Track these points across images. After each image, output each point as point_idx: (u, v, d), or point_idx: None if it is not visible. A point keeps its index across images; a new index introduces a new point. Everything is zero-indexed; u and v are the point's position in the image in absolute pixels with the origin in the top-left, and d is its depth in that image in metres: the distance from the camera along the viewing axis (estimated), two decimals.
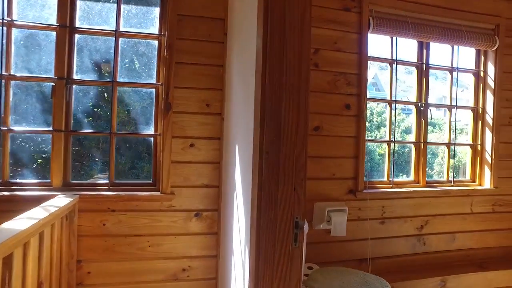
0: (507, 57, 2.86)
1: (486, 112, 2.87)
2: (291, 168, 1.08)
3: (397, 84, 2.61)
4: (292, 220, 1.08)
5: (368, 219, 2.38)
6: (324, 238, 2.28)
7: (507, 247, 2.89)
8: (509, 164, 2.89)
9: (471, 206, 2.76)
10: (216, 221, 2.13)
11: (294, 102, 1.12)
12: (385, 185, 2.54)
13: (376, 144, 3.69)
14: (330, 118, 2.31)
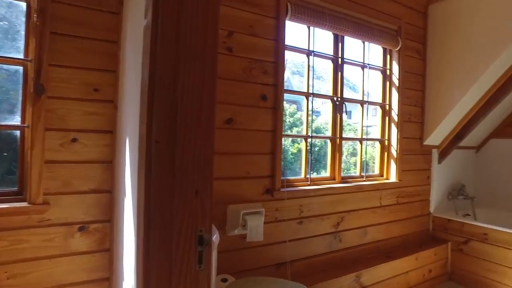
0: (408, 58, 3.02)
1: (392, 109, 2.99)
2: (192, 165, 0.79)
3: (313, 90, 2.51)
4: (195, 234, 0.79)
5: (286, 220, 2.22)
6: (239, 244, 2.04)
7: (406, 234, 3.06)
8: (409, 158, 3.06)
9: (380, 200, 2.83)
10: (108, 235, 1.72)
11: (196, 86, 0.83)
12: (303, 183, 2.42)
13: (289, 142, 3.62)
14: (244, 110, 2.08)
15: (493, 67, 2.71)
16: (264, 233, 2.08)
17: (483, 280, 2.90)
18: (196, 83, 0.84)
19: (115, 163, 1.72)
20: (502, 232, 2.81)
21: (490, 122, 3.50)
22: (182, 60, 0.82)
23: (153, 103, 0.80)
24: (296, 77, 4.98)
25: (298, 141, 3.54)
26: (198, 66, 0.85)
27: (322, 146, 2.85)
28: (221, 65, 1.98)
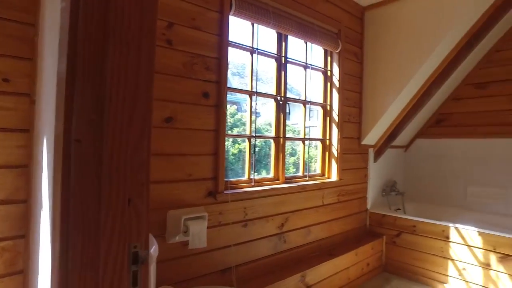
0: (347, 60, 3.12)
1: (333, 109, 3.06)
2: (124, 169, 0.66)
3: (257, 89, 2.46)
4: (128, 252, 0.65)
5: (230, 223, 2.13)
6: (181, 252, 1.90)
7: (346, 231, 3.16)
8: (348, 157, 3.16)
9: (323, 199, 2.88)
10: (22, 253, 1.46)
11: (129, 78, 0.70)
12: (246, 184, 2.35)
13: (230, 143, 3.55)
14: (185, 107, 1.94)
15: (419, 72, 2.91)
16: (208, 238, 1.96)
17: (413, 269, 3.11)
18: (130, 74, 0.70)
19: (32, 168, 1.46)
20: (428, 224, 3.03)
21: (416, 123, 3.78)
22: (111, 47, 0.69)
23: (73, 96, 0.65)
24: (236, 78, 4.93)
25: (238, 142, 3.48)
26: (133, 55, 0.72)
27: (263, 146, 2.81)
28: (159, 58, 1.83)
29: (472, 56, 3.32)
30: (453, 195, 3.72)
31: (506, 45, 3.42)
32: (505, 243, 2.62)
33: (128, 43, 0.71)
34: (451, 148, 3.76)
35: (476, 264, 2.75)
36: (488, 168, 3.49)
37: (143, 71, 0.71)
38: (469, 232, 2.80)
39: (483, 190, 3.51)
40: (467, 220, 3.35)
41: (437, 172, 3.85)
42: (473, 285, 2.77)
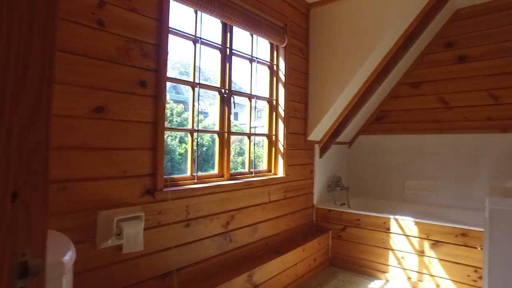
0: (293, 55, 3.10)
1: (279, 104, 3.02)
2: (7, 155, 0.50)
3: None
4: (11, 262, 0.50)
5: (170, 223, 1.97)
6: (114, 257, 1.70)
7: (293, 228, 3.15)
8: (295, 153, 3.15)
9: (269, 195, 2.82)
10: None
11: (16, 41, 0.55)
12: (189, 181, 2.20)
13: (177, 143, 3.37)
14: (119, 97, 1.75)
15: (362, 70, 2.99)
16: (145, 240, 1.79)
17: (358, 261, 3.19)
18: (17, 26, 0.54)
19: None
20: (371, 217, 3.13)
21: (359, 120, 3.91)
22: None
23: None
24: (184, 77, 4.72)
25: (186, 141, 3.29)
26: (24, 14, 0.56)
27: (210, 146, 2.68)
28: (88, 41, 1.62)
29: (407, 57, 3.50)
30: (393, 188, 3.90)
31: (434, 49, 3.66)
32: (436, 230, 2.78)
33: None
34: (390, 144, 3.94)
35: (413, 252, 2.89)
36: (422, 162, 3.71)
37: (39, 22, 0.56)
38: (407, 222, 2.93)
39: (418, 182, 3.73)
40: (405, 211, 3.53)
41: (378, 167, 4.01)
42: (410, 272, 2.90)
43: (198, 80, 2.28)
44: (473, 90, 3.44)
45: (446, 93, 3.59)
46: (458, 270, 2.69)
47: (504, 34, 3.29)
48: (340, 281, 2.99)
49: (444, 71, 3.60)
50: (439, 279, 2.77)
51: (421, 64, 3.74)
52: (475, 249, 2.60)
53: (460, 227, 2.68)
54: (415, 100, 3.79)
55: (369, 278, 3.06)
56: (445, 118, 3.60)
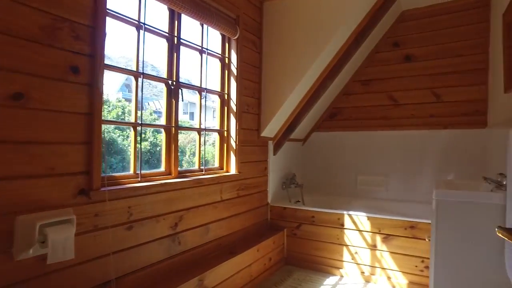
0: (245, 48, 3.00)
1: (231, 99, 2.90)
2: None
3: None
4: None
5: (109, 226, 1.76)
6: (37, 270, 1.46)
7: (247, 227, 3.04)
8: (248, 150, 3.05)
9: (221, 194, 2.69)
10: None
11: None
12: (132, 180, 2.00)
13: (128, 142, 3.11)
14: (44, 82, 1.51)
15: (315, 65, 2.97)
16: (78, 247, 1.57)
17: (313, 258, 3.16)
18: None
19: None
20: (325, 213, 3.12)
21: (312, 117, 3.91)
22: None
23: None
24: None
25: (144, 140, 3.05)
26: None
27: (155, 145, 2.48)
28: (4, 16, 1.37)
29: (359, 55, 3.56)
30: (346, 184, 3.95)
31: (383, 48, 3.77)
32: (387, 224, 2.83)
33: None
34: (343, 140, 3.99)
35: (366, 246, 2.92)
36: (373, 158, 3.80)
37: None
38: (360, 217, 2.95)
39: (370, 178, 3.81)
40: (357, 207, 3.57)
41: (332, 163, 4.05)
42: (363, 266, 2.93)
43: (142, 69, 2.08)
44: (418, 88, 3.58)
45: (394, 90, 3.71)
46: (407, 261, 2.75)
47: (445, 37, 3.46)
48: (296, 279, 2.93)
49: (392, 70, 3.72)
50: (390, 272, 2.82)
51: (371, 62, 3.83)
52: (423, 241, 2.67)
53: (409, 220, 2.75)
54: (366, 97, 3.87)
55: (325, 275, 3.04)
56: (393, 115, 3.71)
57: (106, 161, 1.88)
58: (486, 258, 1.84)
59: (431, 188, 3.45)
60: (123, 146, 4.31)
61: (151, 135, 2.65)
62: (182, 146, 2.87)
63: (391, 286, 2.80)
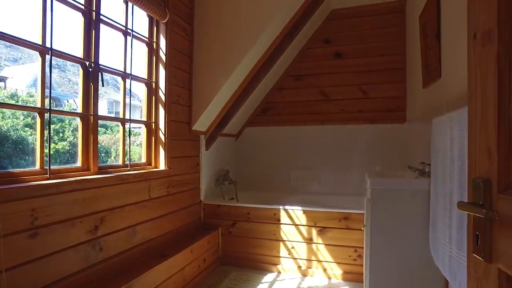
0: (176, 34, 2.76)
1: (159, 88, 2.64)
2: None
3: None
4: None
5: (0, 236, 1.40)
6: None
7: (179, 227, 2.81)
8: (178, 144, 2.82)
9: (149, 192, 2.42)
10: None
11: None
12: (38, 177, 1.65)
13: (22, 127, 2.61)
14: None
15: (248, 56, 2.86)
16: None
17: (249, 256, 3.05)
18: None
19: None
20: (261, 209, 3.03)
21: (245, 112, 3.81)
22: None
23: None
24: (56, 71, 3.84)
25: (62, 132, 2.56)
26: None
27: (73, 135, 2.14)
28: None
29: (292, 50, 3.57)
30: (280, 180, 3.93)
31: (314, 44, 3.84)
32: (322, 217, 2.85)
33: None
34: (276, 135, 3.97)
35: (302, 240, 2.90)
36: (306, 153, 3.84)
37: None
38: (296, 212, 2.92)
39: (303, 173, 3.84)
40: (292, 202, 3.56)
41: (266, 159, 4.00)
42: (300, 260, 2.91)
43: (50, 44, 1.73)
44: (348, 84, 3.72)
45: (325, 86, 3.79)
46: (341, 252, 2.80)
47: (371, 36, 3.65)
48: (233, 280, 2.78)
49: (323, 66, 3.80)
50: (325, 263, 2.83)
51: (304, 58, 3.87)
52: (355, 231, 2.74)
53: (343, 212, 2.80)
54: (298, 92, 3.90)
55: (262, 272, 2.95)
56: (325, 110, 3.80)
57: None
58: (415, 239, 1.92)
59: (361, 181, 3.60)
60: (32, 141, 3.72)
61: (71, 134, 2.26)
62: (107, 146, 2.52)
63: (327, 277, 2.82)
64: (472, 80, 0.76)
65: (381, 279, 2.00)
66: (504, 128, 0.64)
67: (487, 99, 0.68)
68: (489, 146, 0.68)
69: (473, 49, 0.76)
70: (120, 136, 2.32)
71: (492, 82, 0.66)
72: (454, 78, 1.76)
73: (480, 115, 0.72)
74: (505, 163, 0.64)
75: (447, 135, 1.58)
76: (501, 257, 0.64)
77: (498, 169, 0.65)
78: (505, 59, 0.63)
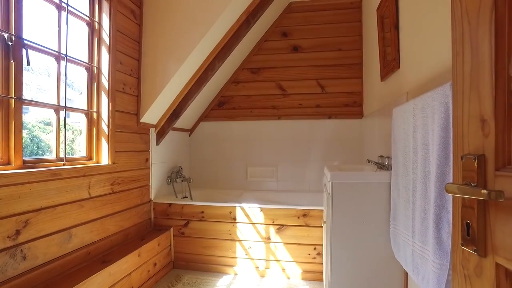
0: (121, 16, 2.49)
1: (102, 73, 2.36)
2: None
3: None
4: None
5: None
6: None
7: (126, 229, 2.55)
8: (124, 137, 2.55)
9: (89, 189, 2.13)
10: None
11: None
12: None
13: None
14: None
15: (202, 44, 2.67)
16: None
17: (204, 258, 2.85)
18: None
19: None
20: (216, 207, 2.84)
21: (200, 105, 3.60)
22: None
23: None
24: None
25: None
26: None
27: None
28: None
29: (248, 42, 3.42)
30: (236, 177, 3.76)
31: (272, 37, 3.73)
32: (281, 214, 2.72)
33: None
34: (232, 130, 3.79)
35: (260, 240, 2.76)
36: (263, 148, 3.71)
37: None
38: (253, 209, 2.77)
39: (260, 169, 3.71)
40: (249, 199, 3.42)
41: (221, 155, 3.81)
42: (258, 261, 2.76)
43: None
44: (305, 79, 3.65)
45: (283, 80, 3.69)
46: (300, 250, 2.69)
47: (328, 31, 3.60)
48: (186, 284, 2.56)
49: (280, 59, 3.70)
50: (284, 263, 2.72)
51: (260, 50, 3.74)
52: (314, 228, 2.65)
53: (302, 208, 2.70)
54: (255, 85, 3.76)
55: (217, 275, 2.76)
56: (282, 105, 3.70)
57: None
58: (377, 234, 1.86)
59: (319, 177, 3.55)
60: None
61: None
62: (32, 130, 2.19)
63: (286, 277, 2.70)
64: (457, 37, 0.65)
65: (342, 276, 1.91)
66: (503, 91, 0.53)
67: (480, 56, 0.57)
68: (482, 115, 0.57)
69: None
70: (54, 126, 2.01)
71: (487, 33, 0.55)
72: (414, 67, 1.72)
73: (469, 79, 0.60)
74: (503, 134, 0.53)
75: (410, 123, 1.52)
76: (500, 249, 0.53)
77: (496, 142, 0.54)
78: (504, 5, 0.52)
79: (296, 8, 3.68)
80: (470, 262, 0.60)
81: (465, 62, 0.61)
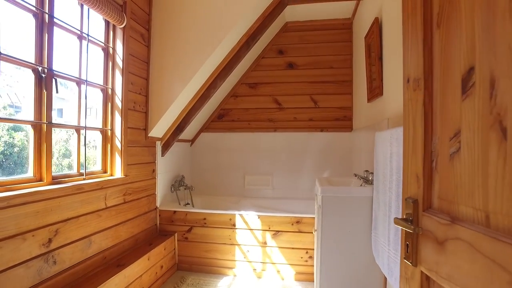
0: (133, 40, 2.74)
1: (116, 94, 2.61)
2: None
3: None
4: None
5: None
6: None
7: (136, 235, 2.80)
8: (134, 151, 2.80)
9: (106, 200, 2.38)
10: None
11: None
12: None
13: None
14: None
15: (206, 64, 2.92)
16: None
17: (206, 261, 3.11)
18: None
19: None
20: (217, 214, 3.10)
21: (201, 118, 3.86)
22: None
23: None
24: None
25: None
26: None
27: (25, 146, 2.04)
28: None
29: (247, 59, 3.68)
30: (234, 184, 4.02)
31: (269, 54, 4.00)
32: (276, 221, 2.99)
33: None
34: (231, 141, 4.06)
35: (257, 244, 3.02)
36: (260, 158, 3.98)
37: None
38: (251, 216, 3.04)
39: (256, 178, 3.98)
40: (247, 206, 3.68)
41: (220, 164, 4.07)
42: (255, 263, 3.03)
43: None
44: (300, 94, 3.93)
45: (279, 95, 3.97)
46: (294, 254, 2.96)
47: (321, 49, 3.89)
48: (190, 285, 2.82)
49: (277, 75, 3.97)
50: (279, 266, 2.99)
51: (258, 67, 4.01)
52: (307, 234, 2.93)
53: (295, 216, 2.97)
54: (253, 99, 4.03)
55: (218, 276, 3.02)
56: (278, 118, 3.97)
57: None
58: (361, 241, 2.13)
59: (311, 186, 3.82)
60: None
61: (6, 133, 2.14)
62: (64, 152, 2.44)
63: (281, 278, 2.97)
64: (406, 115, 0.92)
65: (330, 277, 2.18)
66: (428, 160, 0.80)
67: (416, 134, 0.84)
68: (417, 173, 0.84)
69: (407, 90, 0.92)
70: (75, 144, 2.26)
71: (419, 121, 0.82)
72: (394, 98, 1.99)
73: (412, 146, 0.88)
74: (428, 187, 0.80)
75: (388, 149, 1.79)
76: (423, 262, 0.80)
77: (423, 192, 0.81)
78: (429, 104, 0.79)
79: (292, 27, 3.95)
80: (408, 270, 0.87)
81: (410, 134, 0.89)
